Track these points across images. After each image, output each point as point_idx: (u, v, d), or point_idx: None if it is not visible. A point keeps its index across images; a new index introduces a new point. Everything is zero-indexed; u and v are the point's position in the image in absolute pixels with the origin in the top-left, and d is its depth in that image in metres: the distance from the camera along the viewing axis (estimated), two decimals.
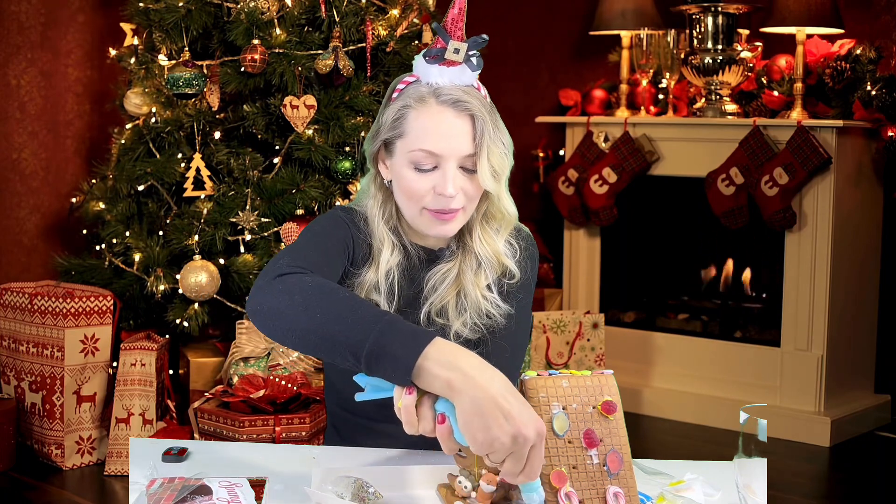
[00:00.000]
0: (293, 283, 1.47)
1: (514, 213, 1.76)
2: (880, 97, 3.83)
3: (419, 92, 1.66)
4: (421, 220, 1.69)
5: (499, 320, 1.75)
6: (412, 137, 1.65)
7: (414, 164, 1.65)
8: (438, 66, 1.65)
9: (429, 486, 1.52)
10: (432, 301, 1.74)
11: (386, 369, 1.34)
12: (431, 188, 1.65)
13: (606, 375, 1.40)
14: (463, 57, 1.65)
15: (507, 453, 1.28)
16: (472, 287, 1.73)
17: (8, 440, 3.35)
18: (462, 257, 1.75)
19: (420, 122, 1.64)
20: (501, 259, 1.76)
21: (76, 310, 3.33)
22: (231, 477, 1.52)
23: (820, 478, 3.61)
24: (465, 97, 1.64)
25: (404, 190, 1.67)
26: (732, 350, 4.12)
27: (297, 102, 3.43)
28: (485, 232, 1.75)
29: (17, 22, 3.95)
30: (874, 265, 4.10)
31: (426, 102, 1.64)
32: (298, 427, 3.03)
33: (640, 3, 4.37)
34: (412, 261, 1.76)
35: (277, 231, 3.45)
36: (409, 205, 1.68)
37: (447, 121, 1.64)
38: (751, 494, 1.42)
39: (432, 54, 1.65)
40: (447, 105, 1.64)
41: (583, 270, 4.47)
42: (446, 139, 1.63)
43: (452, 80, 1.66)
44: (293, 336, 1.44)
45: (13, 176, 3.98)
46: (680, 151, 4.20)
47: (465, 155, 1.64)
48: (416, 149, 1.64)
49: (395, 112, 1.67)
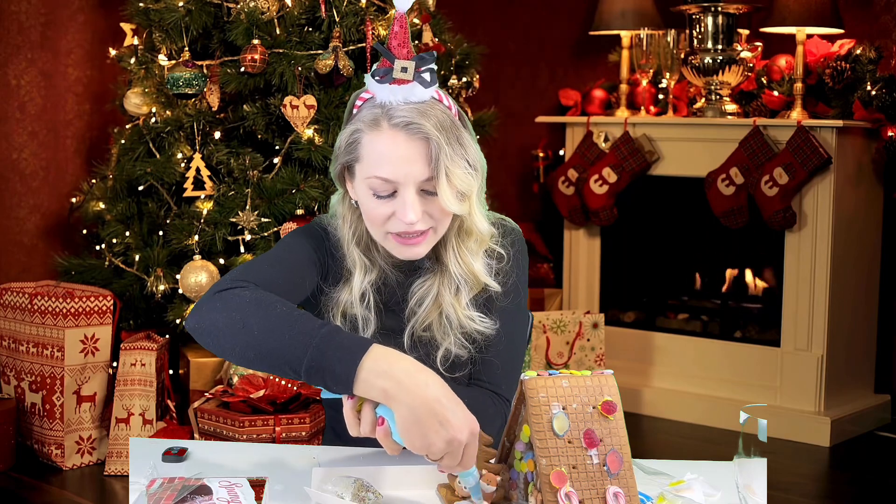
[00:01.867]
0: (231, 298, 1.48)
1: (487, 229, 1.70)
2: (880, 97, 3.83)
3: (372, 114, 1.58)
4: (387, 244, 1.64)
5: (487, 336, 1.71)
6: (367, 164, 1.58)
7: (372, 191, 1.59)
8: (388, 85, 1.57)
9: (429, 486, 1.52)
10: (415, 321, 1.71)
11: (326, 383, 1.39)
12: (392, 213, 1.59)
13: (606, 375, 1.40)
14: (412, 75, 1.56)
15: (443, 454, 1.35)
16: (452, 309, 1.69)
17: (8, 440, 3.35)
18: (440, 277, 1.70)
19: (373, 147, 1.57)
20: (479, 278, 1.70)
21: (76, 310, 3.33)
22: (231, 477, 1.52)
23: (820, 478, 3.61)
24: (418, 119, 1.55)
25: (367, 215, 1.63)
26: (732, 350, 4.12)
27: (297, 102, 3.43)
28: (460, 251, 1.70)
29: (17, 22, 3.95)
30: (874, 265, 4.10)
31: (379, 126, 1.57)
32: (298, 427, 3.03)
33: (640, 3, 4.37)
34: (388, 277, 1.72)
35: (277, 231, 3.45)
36: (374, 230, 1.64)
37: (400, 146, 1.55)
38: (751, 494, 1.42)
39: (380, 74, 1.57)
40: (399, 129, 1.55)
41: (583, 270, 4.47)
42: (401, 165, 1.56)
43: (406, 98, 1.57)
44: (233, 354, 1.46)
45: (13, 176, 3.98)
46: (680, 151, 4.20)
47: (422, 180, 1.57)
48: (371, 175, 1.58)
49: (348, 136, 1.61)
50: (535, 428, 1.34)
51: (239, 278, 1.53)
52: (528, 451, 1.40)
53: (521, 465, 1.42)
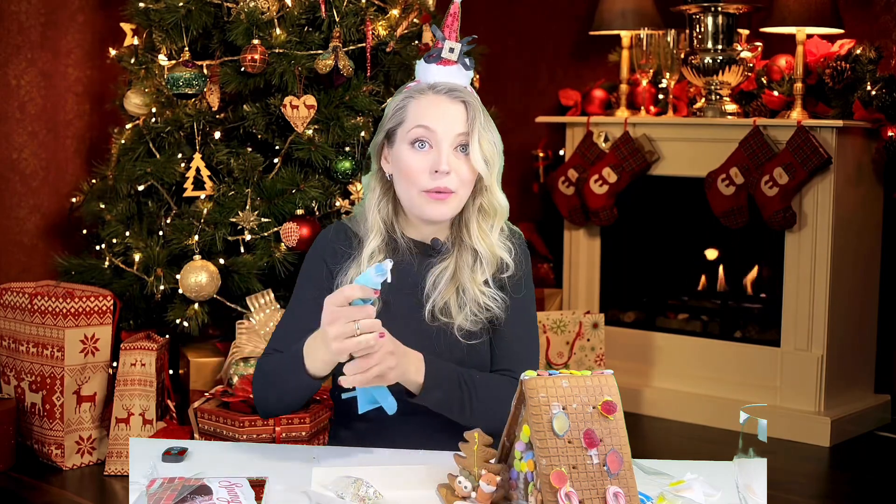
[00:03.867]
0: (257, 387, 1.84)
1: (506, 204, 1.89)
2: (880, 97, 3.83)
3: (419, 87, 1.84)
4: (419, 201, 1.81)
5: (497, 312, 1.85)
6: (412, 119, 1.81)
7: (412, 141, 1.80)
8: (436, 65, 1.84)
9: (429, 486, 1.52)
10: (434, 299, 1.83)
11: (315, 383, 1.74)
12: (428, 167, 1.79)
13: (606, 375, 1.40)
14: (458, 56, 1.84)
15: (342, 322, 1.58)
16: (470, 283, 1.84)
17: (8, 440, 3.35)
18: (458, 254, 1.86)
19: (419, 106, 1.82)
20: (497, 252, 1.87)
21: (76, 310, 3.33)
22: (231, 477, 1.52)
23: (820, 478, 3.61)
24: (460, 87, 1.84)
25: (403, 172, 1.81)
26: (732, 350, 4.12)
27: (297, 102, 3.43)
28: (480, 228, 1.87)
29: (17, 22, 3.95)
30: (874, 265, 4.10)
31: (424, 93, 1.83)
32: (298, 427, 3.03)
33: (640, 3, 4.37)
34: (404, 255, 1.86)
35: (277, 231, 3.45)
36: (408, 187, 1.82)
37: (443, 104, 1.81)
38: (751, 494, 1.42)
39: (430, 55, 1.85)
40: (442, 93, 1.82)
41: (583, 270, 4.47)
42: (442, 119, 1.80)
43: (448, 79, 1.84)
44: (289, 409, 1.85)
45: (13, 176, 3.98)
46: (680, 151, 4.20)
47: (458, 133, 1.80)
48: (414, 125, 1.80)
49: (397, 103, 1.84)
50: (535, 428, 1.34)
51: (266, 352, 1.88)
52: (528, 451, 1.40)
53: (521, 465, 1.42)
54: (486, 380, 1.80)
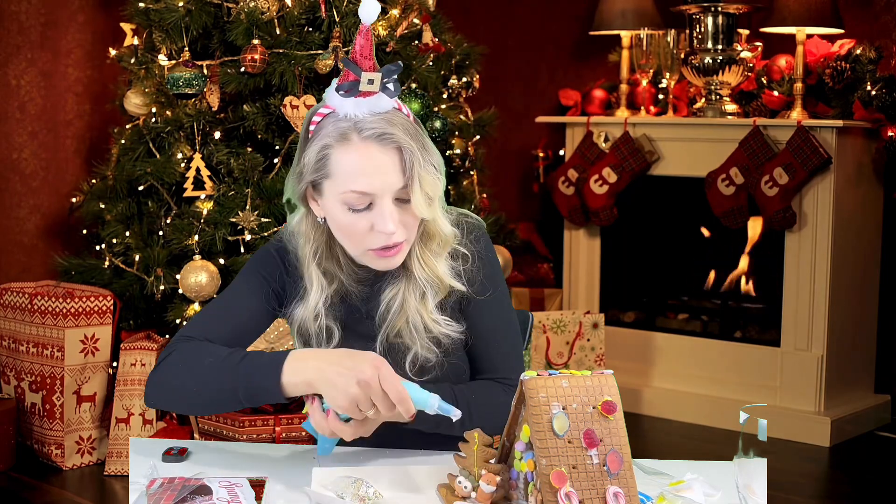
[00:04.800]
0: (166, 370, 1.64)
1: (450, 232, 1.71)
2: (880, 97, 3.83)
3: (339, 128, 1.58)
4: (366, 258, 1.66)
5: (454, 338, 1.72)
6: (340, 179, 1.58)
7: (347, 206, 1.59)
8: (354, 98, 1.58)
9: (429, 486, 1.52)
10: (387, 327, 1.72)
11: (265, 399, 1.57)
12: (370, 227, 1.60)
13: (606, 375, 1.40)
14: (378, 86, 1.58)
15: (367, 400, 1.47)
16: (418, 315, 1.70)
17: (8, 440, 3.35)
18: (405, 284, 1.71)
19: (345, 161, 1.58)
20: (444, 281, 1.71)
21: (76, 310, 3.33)
22: (231, 477, 1.52)
23: (820, 478, 3.61)
24: (389, 129, 1.57)
25: (343, 232, 1.64)
26: (732, 350, 4.12)
27: (297, 102, 3.43)
28: (424, 254, 1.70)
29: (17, 22, 3.95)
30: (874, 265, 4.10)
31: (349, 140, 1.57)
32: (298, 427, 3.03)
33: (640, 3, 4.37)
34: (349, 291, 1.73)
35: (277, 231, 3.45)
36: (352, 246, 1.65)
37: (374, 157, 1.57)
38: (751, 494, 1.42)
39: (345, 88, 1.58)
40: (371, 140, 1.57)
41: (583, 270, 4.47)
42: (376, 177, 1.57)
43: (371, 110, 1.58)
44: (190, 410, 1.74)
45: (13, 176, 3.98)
46: (680, 151, 4.20)
47: (398, 188, 1.59)
48: (346, 191, 1.58)
49: (316, 153, 1.60)
50: (535, 428, 1.34)
51: (185, 334, 1.68)
52: (528, 451, 1.40)
53: (521, 465, 1.42)
54: (477, 388, 1.73)
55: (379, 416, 1.51)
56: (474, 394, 1.71)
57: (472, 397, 1.70)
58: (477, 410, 1.67)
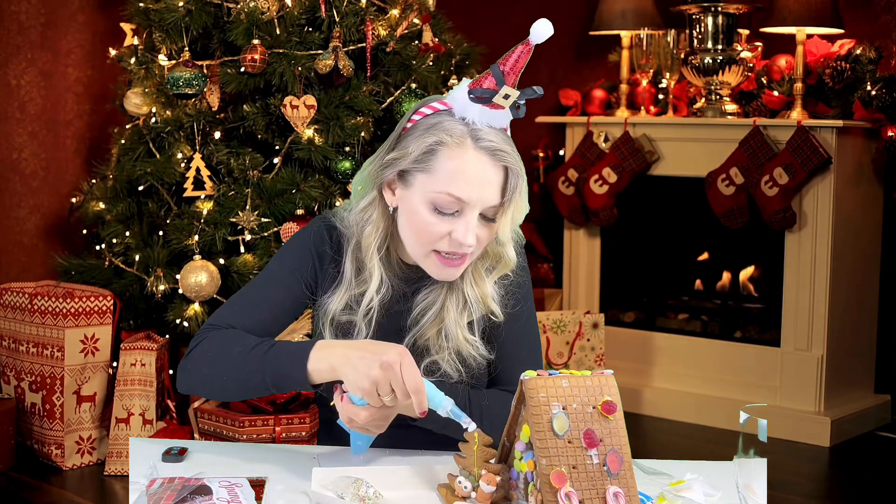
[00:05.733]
0: (198, 358, 1.67)
1: (514, 258, 1.70)
2: (880, 97, 3.83)
3: (456, 129, 1.57)
4: (427, 261, 1.63)
5: (478, 364, 1.71)
6: (440, 178, 1.57)
7: (435, 206, 1.58)
8: (482, 106, 1.57)
9: (429, 486, 1.52)
10: (417, 331, 1.70)
11: (291, 386, 1.59)
12: (448, 232, 1.58)
13: (606, 375, 1.40)
14: (510, 104, 1.58)
15: (387, 384, 1.47)
16: (454, 326, 1.68)
17: (8, 440, 3.35)
18: (447, 294, 1.69)
19: (453, 163, 1.56)
20: (488, 302, 1.69)
21: (76, 310, 3.33)
22: (231, 477, 1.52)
23: (820, 478, 3.61)
24: (505, 146, 1.57)
25: (416, 229, 1.61)
26: (732, 350, 4.12)
27: (297, 102, 3.43)
28: (476, 271, 1.68)
29: (17, 22, 3.95)
30: (874, 265, 4.10)
31: (463, 144, 1.56)
32: (298, 427, 3.04)
33: (640, 3, 4.37)
34: (393, 282, 1.71)
35: (277, 231, 3.45)
36: (418, 245, 1.62)
37: (483, 169, 1.56)
38: (751, 494, 1.42)
39: (478, 94, 1.57)
40: (485, 152, 1.56)
41: (583, 270, 4.47)
42: (477, 188, 1.56)
43: (490, 122, 1.58)
44: (222, 396, 1.73)
45: (13, 176, 3.98)
46: (680, 151, 4.20)
47: (491, 206, 1.58)
48: (442, 191, 1.56)
49: (426, 145, 1.57)
50: (535, 428, 1.34)
51: (215, 323, 1.70)
52: (528, 451, 1.40)
53: (521, 465, 1.42)
54: (491, 396, 1.71)
55: (395, 402, 1.50)
56: (488, 400, 1.70)
57: (485, 403, 1.69)
58: (488, 418, 1.66)
